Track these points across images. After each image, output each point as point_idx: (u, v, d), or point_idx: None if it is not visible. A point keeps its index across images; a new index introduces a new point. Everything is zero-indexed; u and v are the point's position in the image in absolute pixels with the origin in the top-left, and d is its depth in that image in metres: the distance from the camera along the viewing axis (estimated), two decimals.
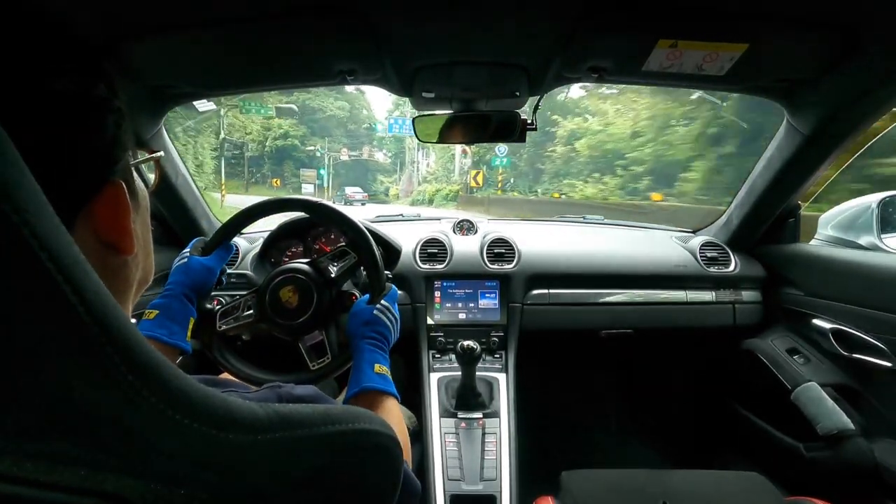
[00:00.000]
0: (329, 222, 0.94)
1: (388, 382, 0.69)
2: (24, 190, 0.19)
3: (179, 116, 12.10)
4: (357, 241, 0.82)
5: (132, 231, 0.31)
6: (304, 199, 0.87)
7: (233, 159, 29.15)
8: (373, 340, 0.72)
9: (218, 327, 0.80)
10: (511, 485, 0.99)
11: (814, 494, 0.83)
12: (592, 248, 1.41)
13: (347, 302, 0.82)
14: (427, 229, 1.43)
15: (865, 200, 1.24)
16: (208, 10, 0.68)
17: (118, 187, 0.30)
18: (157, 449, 0.23)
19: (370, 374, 0.68)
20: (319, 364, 0.79)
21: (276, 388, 0.39)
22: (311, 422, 0.30)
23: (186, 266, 0.76)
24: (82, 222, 0.28)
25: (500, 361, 1.23)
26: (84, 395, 0.21)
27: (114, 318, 0.22)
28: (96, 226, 0.29)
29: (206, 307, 0.81)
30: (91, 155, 0.28)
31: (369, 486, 0.33)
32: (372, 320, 0.73)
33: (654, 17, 0.70)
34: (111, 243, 0.30)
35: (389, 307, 0.77)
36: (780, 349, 1.22)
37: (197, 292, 0.75)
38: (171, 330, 0.68)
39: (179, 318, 0.70)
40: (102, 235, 0.29)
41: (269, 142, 31.79)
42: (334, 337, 0.81)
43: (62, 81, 0.26)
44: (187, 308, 0.72)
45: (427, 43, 0.79)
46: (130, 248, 0.31)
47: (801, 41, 0.74)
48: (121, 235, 0.30)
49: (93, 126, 0.28)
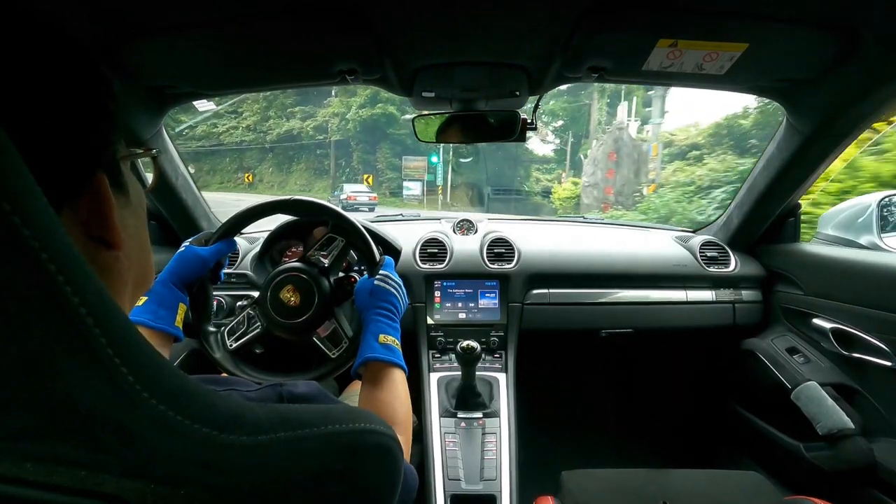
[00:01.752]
0: (310, 215, 0.94)
1: (393, 352, 0.68)
2: (24, 191, 0.19)
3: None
4: (339, 223, 0.83)
5: (117, 225, 0.31)
6: (280, 200, 0.87)
7: (319, 149, 22.95)
8: (380, 310, 0.72)
9: (229, 346, 0.81)
10: (511, 485, 0.99)
11: (814, 494, 0.83)
12: (592, 247, 1.41)
13: (348, 286, 0.83)
14: (427, 229, 1.43)
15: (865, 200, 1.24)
16: (208, 10, 0.68)
17: (100, 180, 0.30)
18: (157, 450, 0.23)
19: (374, 344, 0.68)
20: (339, 350, 0.80)
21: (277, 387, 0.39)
22: (311, 422, 0.30)
23: (181, 254, 0.76)
24: (69, 216, 0.28)
25: (500, 361, 1.23)
26: (84, 396, 0.21)
27: (115, 319, 0.22)
28: (82, 219, 0.29)
29: (210, 329, 0.81)
30: (74, 148, 0.28)
31: (370, 487, 0.33)
32: (375, 290, 0.74)
33: (653, 17, 0.70)
34: (99, 237, 0.30)
35: (388, 274, 0.77)
36: (780, 349, 1.22)
37: (186, 280, 0.75)
38: (157, 314, 0.68)
39: (167, 304, 0.70)
40: (88, 229, 0.29)
41: (353, 112, 20.93)
42: (345, 321, 0.82)
43: (47, 76, 0.26)
44: (175, 294, 0.72)
45: (427, 43, 0.79)
46: (118, 243, 0.31)
47: (801, 41, 0.74)
48: (106, 229, 0.30)
49: (74, 119, 0.28)
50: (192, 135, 24.38)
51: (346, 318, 0.83)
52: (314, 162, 24.65)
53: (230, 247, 0.83)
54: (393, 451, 0.36)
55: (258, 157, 25.51)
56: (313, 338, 0.81)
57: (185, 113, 12.91)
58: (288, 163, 24.72)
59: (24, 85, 0.25)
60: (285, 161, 24.73)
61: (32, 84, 0.25)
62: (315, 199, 0.85)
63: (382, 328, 0.70)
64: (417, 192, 19.45)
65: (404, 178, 19.96)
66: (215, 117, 24.41)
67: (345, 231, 0.84)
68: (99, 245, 0.30)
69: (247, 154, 25.50)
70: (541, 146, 23.54)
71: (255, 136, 24.53)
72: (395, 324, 0.73)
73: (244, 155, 25.54)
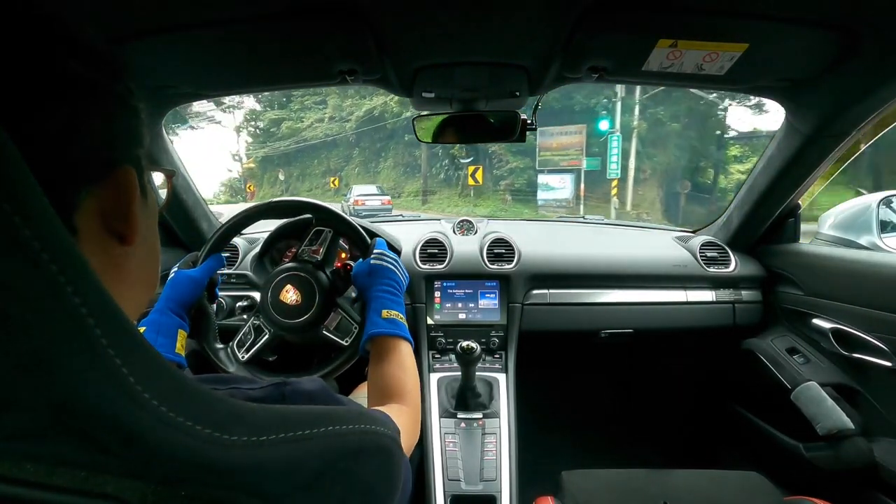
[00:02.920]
0: (290, 214, 0.95)
1: (397, 326, 0.68)
2: (25, 190, 0.19)
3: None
4: (322, 217, 0.85)
5: (137, 218, 0.31)
6: (258, 206, 0.88)
7: (407, 135, 16.49)
8: (381, 287, 0.73)
9: (241, 358, 0.81)
10: (511, 485, 0.99)
11: (813, 494, 0.83)
12: (592, 248, 1.42)
13: (344, 273, 0.84)
14: (427, 229, 1.43)
15: (865, 200, 1.25)
16: (208, 10, 0.68)
17: (128, 172, 0.30)
18: (157, 450, 0.23)
19: (377, 320, 0.68)
20: (351, 337, 0.81)
21: (280, 385, 0.39)
22: (311, 422, 0.30)
23: (173, 280, 0.77)
24: (90, 204, 0.28)
25: (499, 362, 1.23)
26: (85, 396, 0.21)
27: (116, 320, 0.22)
28: (101, 207, 0.29)
29: (219, 346, 0.82)
30: (102, 138, 0.29)
31: (370, 488, 0.33)
32: (374, 269, 0.75)
33: (653, 17, 0.70)
34: (115, 230, 0.30)
35: (383, 252, 0.78)
36: (779, 349, 1.22)
37: (183, 305, 0.75)
38: (156, 343, 0.68)
39: (166, 331, 0.71)
40: (107, 219, 0.30)
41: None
42: (351, 308, 0.83)
43: (81, 66, 0.27)
44: (174, 321, 0.73)
45: (427, 43, 0.79)
46: (132, 237, 0.31)
47: (801, 41, 0.74)
48: (126, 221, 0.31)
49: (108, 112, 0.29)
50: (279, 133, 23.10)
51: (350, 305, 0.83)
52: (403, 155, 19.86)
53: (220, 263, 0.83)
54: (394, 452, 0.36)
55: (344, 156, 23.21)
56: (322, 331, 0.81)
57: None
58: (375, 160, 21.56)
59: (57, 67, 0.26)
60: (372, 158, 21.67)
61: (63, 67, 0.26)
62: (292, 198, 0.87)
63: (385, 303, 0.70)
64: (566, 192, 11.20)
65: (539, 170, 11.43)
66: (302, 110, 22.88)
67: (328, 222, 0.85)
68: (113, 238, 0.31)
69: (333, 153, 23.47)
70: (747, 116, 13.15)
71: (338, 126, 21.71)
72: (399, 298, 0.73)
73: (330, 154, 23.55)
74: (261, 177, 26.79)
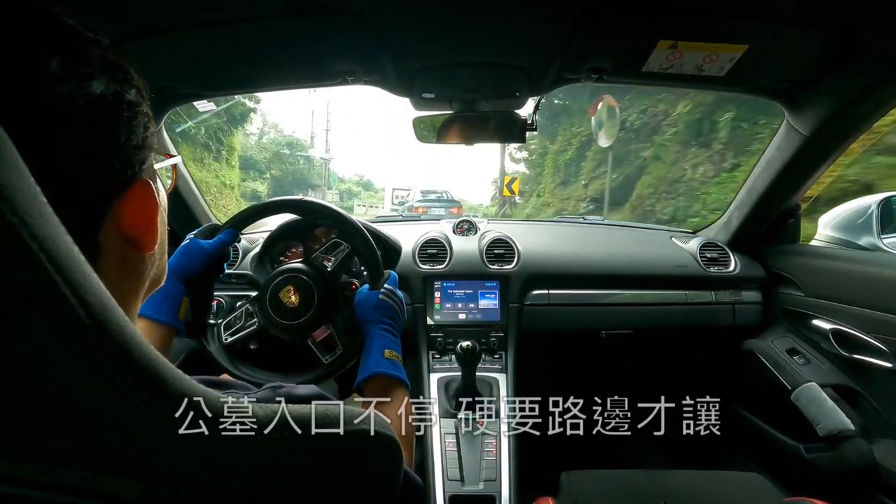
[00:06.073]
0: (316, 217, 0.95)
1: (398, 368, 0.68)
2: (22, 191, 0.19)
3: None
4: (347, 230, 0.83)
5: (158, 228, 0.32)
6: (288, 199, 0.88)
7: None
8: (384, 325, 0.72)
9: (224, 340, 0.80)
10: (511, 485, 0.99)
11: (813, 495, 0.83)
12: (592, 248, 1.41)
13: (347, 292, 0.83)
14: (427, 229, 1.43)
15: (865, 201, 1.24)
16: (208, 10, 0.68)
17: (147, 185, 0.31)
18: (156, 450, 0.23)
19: (380, 359, 0.68)
20: (332, 357, 0.80)
21: (277, 389, 0.39)
22: (309, 422, 0.30)
23: (185, 246, 0.76)
24: (111, 218, 0.29)
25: (499, 362, 1.22)
26: (83, 396, 0.21)
27: (114, 320, 0.22)
28: (122, 222, 0.30)
29: (210, 322, 0.81)
30: (122, 153, 0.29)
31: (369, 487, 0.33)
32: (380, 305, 0.74)
33: (653, 18, 0.70)
34: (134, 239, 0.31)
35: (393, 290, 0.77)
36: (780, 350, 1.22)
37: (190, 273, 0.74)
38: (160, 308, 0.68)
39: (171, 297, 0.70)
40: (127, 231, 0.30)
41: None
42: (341, 328, 0.82)
43: (95, 84, 0.27)
44: (179, 287, 0.72)
45: (427, 44, 0.79)
46: (152, 245, 0.32)
47: (801, 41, 0.74)
48: (147, 231, 0.31)
49: (125, 126, 0.29)
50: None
51: (342, 325, 0.82)
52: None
53: (233, 238, 0.82)
54: (391, 451, 0.36)
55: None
56: (308, 341, 0.80)
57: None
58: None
59: (69, 89, 0.25)
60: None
61: (77, 88, 0.26)
62: (324, 203, 0.86)
63: (388, 343, 0.70)
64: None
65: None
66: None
67: (351, 238, 0.83)
68: (130, 245, 0.31)
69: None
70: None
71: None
72: (398, 340, 0.73)
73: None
74: None
